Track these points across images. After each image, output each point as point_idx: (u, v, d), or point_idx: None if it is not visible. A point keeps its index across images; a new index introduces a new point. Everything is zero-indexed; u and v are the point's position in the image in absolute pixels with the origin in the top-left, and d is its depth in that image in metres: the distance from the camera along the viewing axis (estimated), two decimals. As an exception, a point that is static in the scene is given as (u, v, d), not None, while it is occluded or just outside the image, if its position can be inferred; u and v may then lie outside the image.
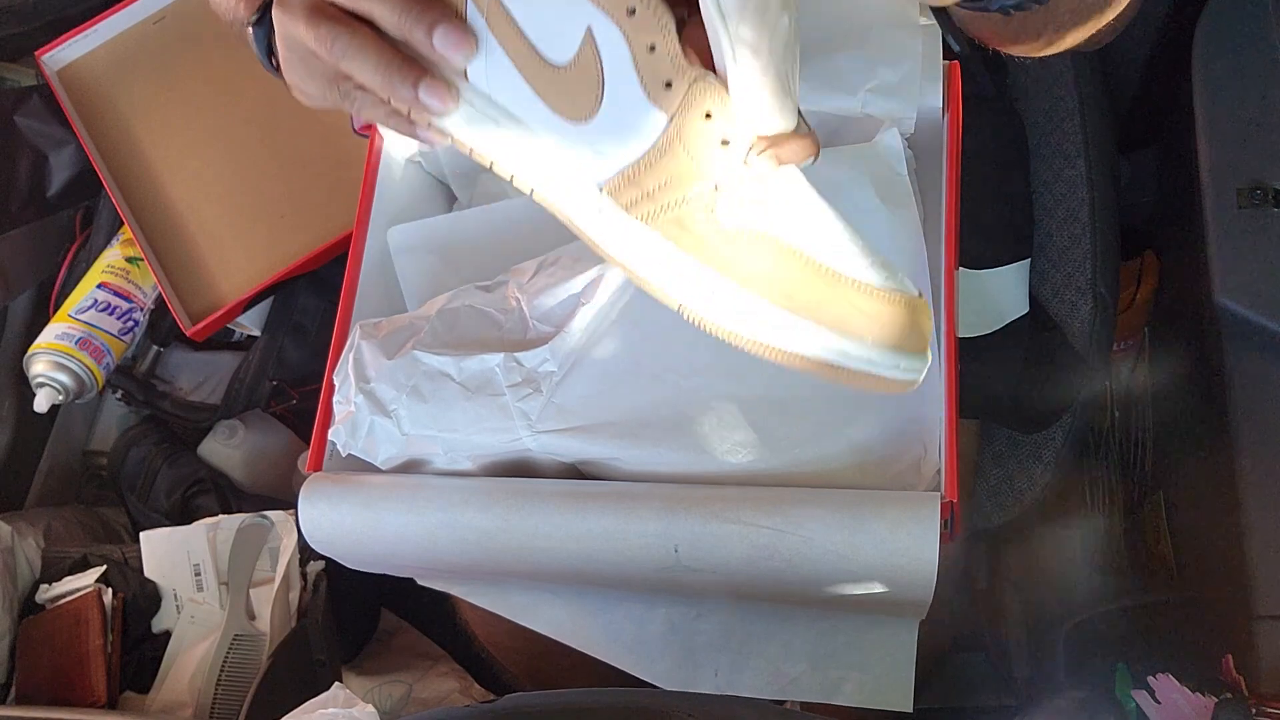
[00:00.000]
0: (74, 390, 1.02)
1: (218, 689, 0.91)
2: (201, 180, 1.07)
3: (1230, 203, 0.84)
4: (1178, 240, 0.97)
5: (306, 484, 0.76)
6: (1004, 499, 0.96)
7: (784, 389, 0.71)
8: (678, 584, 0.69)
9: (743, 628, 0.73)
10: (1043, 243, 0.94)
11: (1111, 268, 0.95)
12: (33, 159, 1.07)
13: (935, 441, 0.68)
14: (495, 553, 0.71)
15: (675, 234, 0.52)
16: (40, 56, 1.08)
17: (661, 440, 0.71)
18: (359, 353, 0.77)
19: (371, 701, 0.77)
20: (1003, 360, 0.89)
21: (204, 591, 0.95)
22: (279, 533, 0.96)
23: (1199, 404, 0.90)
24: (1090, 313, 0.92)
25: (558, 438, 0.72)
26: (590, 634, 0.75)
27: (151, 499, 1.09)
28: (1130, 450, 1.04)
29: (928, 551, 0.62)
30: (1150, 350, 1.06)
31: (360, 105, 0.56)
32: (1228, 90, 0.87)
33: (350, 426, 0.75)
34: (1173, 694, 0.77)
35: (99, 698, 0.90)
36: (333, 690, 0.70)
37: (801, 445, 0.69)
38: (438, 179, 0.92)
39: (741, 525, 0.65)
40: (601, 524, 0.68)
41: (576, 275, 0.73)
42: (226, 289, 1.04)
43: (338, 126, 1.06)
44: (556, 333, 0.72)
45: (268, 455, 1.13)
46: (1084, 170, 0.94)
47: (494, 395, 0.72)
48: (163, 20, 1.11)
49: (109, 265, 1.06)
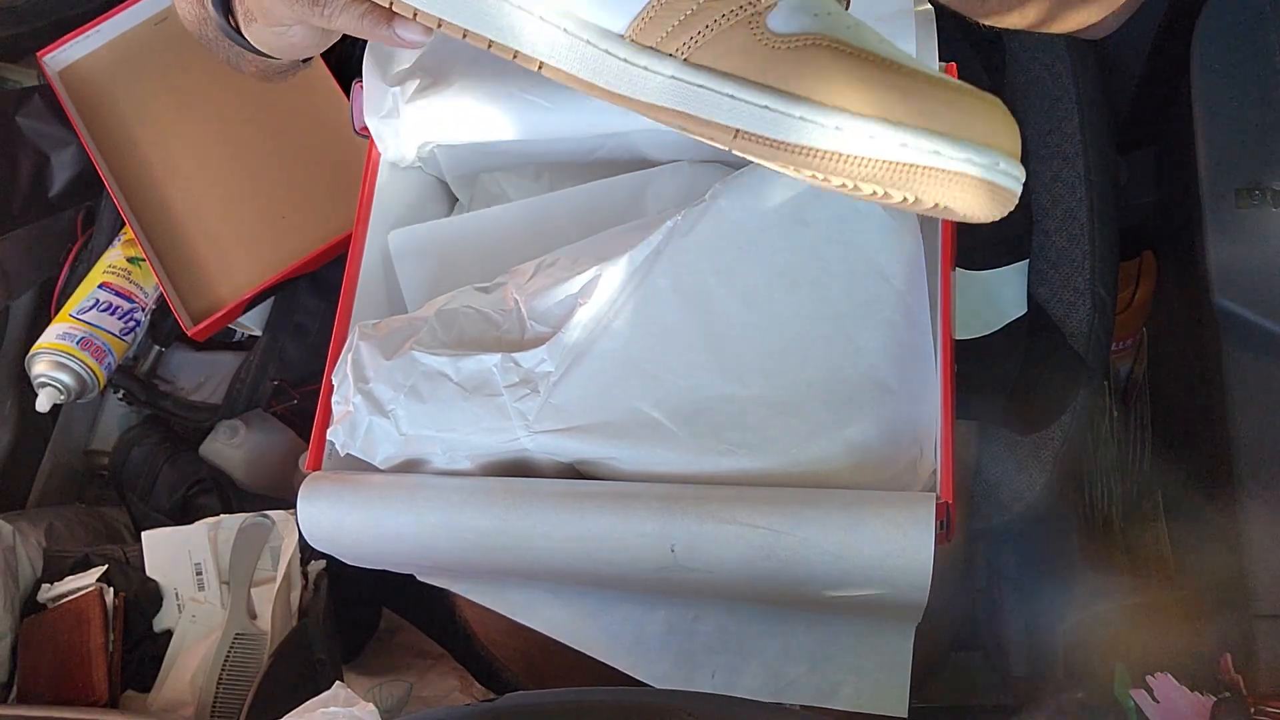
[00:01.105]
0: (75, 390, 1.02)
1: (219, 688, 0.91)
2: (203, 181, 1.07)
3: (1229, 203, 0.84)
4: (1176, 241, 0.97)
5: (305, 483, 0.76)
6: (1003, 499, 0.96)
7: (781, 389, 0.71)
8: (675, 584, 0.69)
9: (741, 630, 0.73)
10: (1041, 243, 0.94)
11: (1110, 268, 0.95)
12: (34, 159, 1.08)
13: (931, 442, 0.69)
14: (493, 551, 0.71)
15: (721, 60, 0.48)
16: (42, 57, 1.09)
17: (659, 440, 0.71)
18: (357, 353, 0.77)
19: (372, 700, 0.77)
20: (1001, 361, 0.90)
21: (205, 590, 0.95)
22: (280, 532, 0.96)
23: (1197, 404, 0.90)
24: (1089, 313, 0.92)
25: (555, 438, 0.72)
26: (589, 634, 0.75)
27: (153, 498, 1.09)
28: (1129, 450, 1.04)
29: (923, 552, 0.62)
30: (1149, 350, 1.06)
31: (334, 8, 0.54)
32: (1226, 91, 0.87)
33: (349, 426, 0.76)
34: (1171, 693, 0.77)
35: (100, 696, 0.90)
36: (334, 689, 0.70)
37: (798, 445, 0.70)
38: (438, 180, 0.93)
39: (738, 525, 0.65)
40: (599, 523, 0.68)
41: (574, 276, 0.73)
42: (227, 289, 1.04)
43: (338, 127, 1.06)
44: (554, 333, 0.72)
45: (269, 455, 1.14)
46: (1083, 171, 0.94)
47: (491, 395, 0.73)
48: (164, 21, 1.11)
49: (110, 265, 1.07)
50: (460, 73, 0.82)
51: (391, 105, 0.83)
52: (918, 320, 0.72)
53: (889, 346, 0.71)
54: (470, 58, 0.83)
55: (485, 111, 0.81)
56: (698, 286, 0.73)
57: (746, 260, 0.73)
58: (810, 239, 0.73)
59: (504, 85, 0.80)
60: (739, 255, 0.73)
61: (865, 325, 0.72)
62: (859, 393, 0.70)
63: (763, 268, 0.73)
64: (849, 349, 0.71)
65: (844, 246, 0.72)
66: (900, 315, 0.71)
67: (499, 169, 0.89)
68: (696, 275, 0.73)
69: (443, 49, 0.84)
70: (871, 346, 0.71)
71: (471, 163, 0.89)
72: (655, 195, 0.81)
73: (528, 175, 0.88)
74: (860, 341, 0.71)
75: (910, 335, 0.71)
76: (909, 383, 0.71)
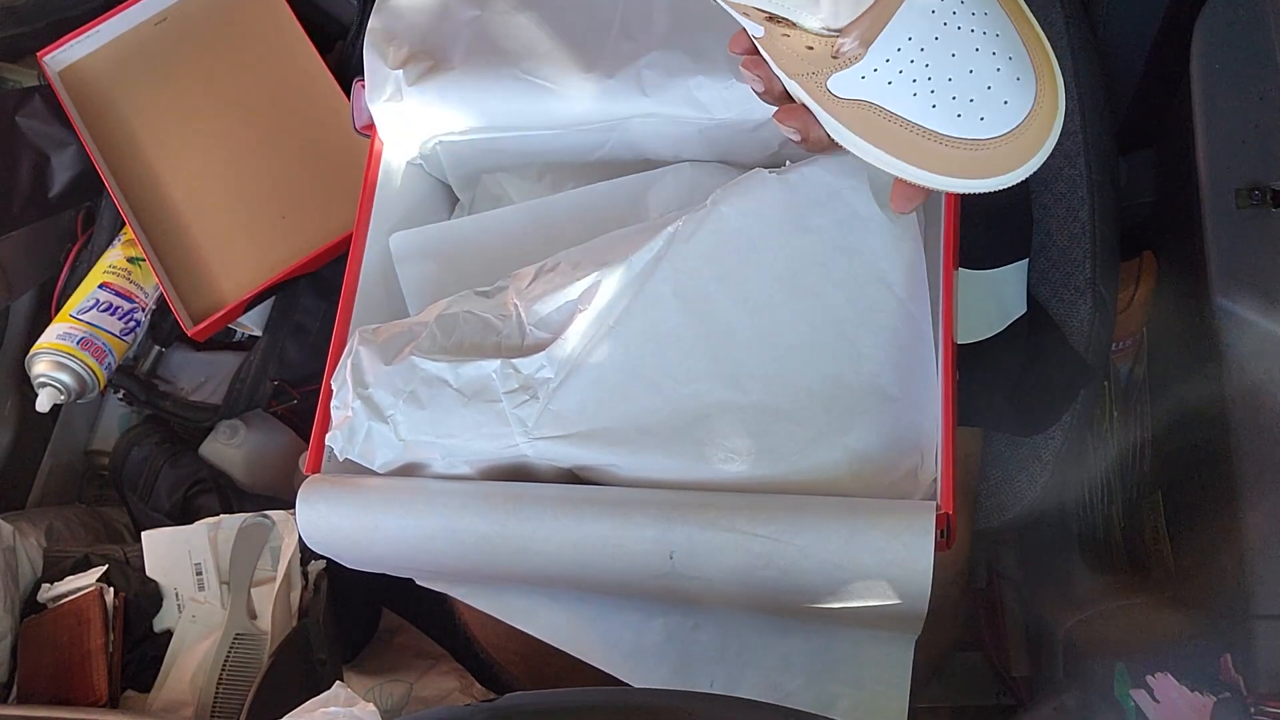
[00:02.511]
0: (76, 390, 1.02)
1: (219, 688, 0.91)
2: (203, 180, 1.07)
3: (1229, 203, 0.84)
4: (1176, 240, 0.97)
5: (305, 486, 0.76)
6: (1004, 499, 0.96)
7: (782, 396, 0.71)
8: (674, 592, 0.69)
9: (740, 639, 0.73)
10: (1042, 242, 0.94)
11: (1111, 267, 0.95)
12: (34, 159, 1.07)
13: (932, 450, 0.69)
14: (492, 557, 0.71)
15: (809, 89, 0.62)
16: (42, 57, 1.08)
17: (658, 447, 0.71)
18: (357, 358, 0.77)
19: (372, 700, 0.77)
20: (1001, 361, 0.89)
21: (205, 591, 0.95)
22: (280, 532, 0.96)
23: (1197, 404, 0.90)
24: (1090, 312, 0.92)
25: (554, 444, 0.72)
26: (587, 640, 0.75)
27: (153, 499, 1.09)
28: (1129, 450, 1.04)
29: (923, 562, 0.62)
30: (1148, 350, 1.06)
31: None
32: (1227, 91, 0.87)
33: (348, 432, 0.76)
34: (1171, 693, 0.78)
35: (100, 696, 0.90)
36: (334, 689, 0.70)
37: (798, 453, 0.70)
38: (439, 181, 0.92)
39: (737, 533, 0.65)
40: (598, 530, 0.68)
41: (575, 282, 0.73)
42: (228, 289, 1.04)
43: (338, 126, 1.06)
44: (554, 339, 0.72)
45: (269, 455, 1.14)
46: (1084, 170, 0.94)
47: (490, 401, 0.73)
48: (164, 22, 1.11)
49: (110, 265, 1.07)
50: (462, 56, 0.82)
51: (394, 89, 0.83)
52: (919, 327, 0.71)
53: (890, 353, 0.71)
54: (472, 41, 0.83)
55: (489, 93, 0.81)
56: (698, 293, 0.73)
57: (747, 267, 0.73)
58: (811, 245, 0.73)
59: (507, 67, 0.80)
60: (740, 262, 0.73)
61: (866, 332, 0.71)
62: (860, 400, 0.70)
63: (763, 274, 0.73)
64: (850, 356, 0.71)
65: (845, 253, 0.72)
66: (901, 322, 0.71)
67: (501, 169, 0.89)
68: (697, 281, 0.73)
69: (444, 32, 0.84)
70: (872, 353, 0.71)
71: (474, 162, 0.89)
72: (657, 197, 0.81)
73: (529, 176, 0.88)
74: (861, 348, 0.71)
75: (911, 342, 0.71)
76: (910, 390, 0.71)
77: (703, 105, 0.78)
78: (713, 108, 0.78)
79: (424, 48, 0.83)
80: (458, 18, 0.84)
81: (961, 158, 0.59)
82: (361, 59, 0.85)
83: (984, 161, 0.59)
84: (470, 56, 0.82)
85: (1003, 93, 0.57)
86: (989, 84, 0.57)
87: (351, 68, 1.08)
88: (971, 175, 0.59)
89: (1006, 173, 0.59)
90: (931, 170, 0.59)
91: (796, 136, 0.65)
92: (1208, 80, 0.88)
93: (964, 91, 0.57)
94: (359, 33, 1.07)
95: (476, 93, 0.82)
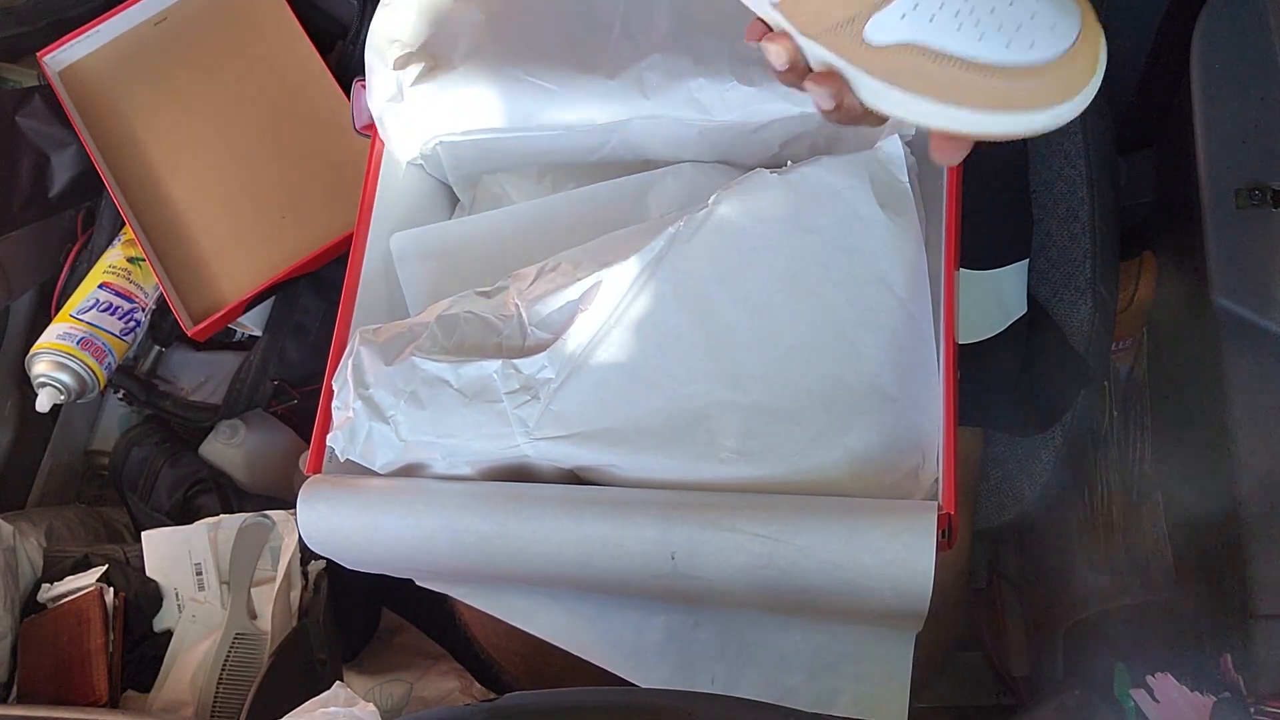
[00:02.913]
0: (75, 390, 1.02)
1: (219, 688, 0.91)
2: (202, 180, 1.07)
3: (1229, 203, 0.84)
4: (1176, 240, 0.97)
5: (305, 486, 0.76)
6: (1004, 499, 0.96)
7: (782, 397, 0.71)
8: (675, 591, 0.69)
9: (740, 637, 0.73)
10: (1042, 242, 0.94)
11: (1111, 267, 0.95)
12: (34, 159, 1.08)
13: (933, 450, 0.69)
14: (493, 557, 0.71)
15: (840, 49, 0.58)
16: (42, 57, 1.09)
17: (659, 447, 0.71)
18: (358, 358, 0.77)
19: (372, 700, 0.77)
20: (1002, 361, 0.89)
21: (205, 591, 0.95)
22: (280, 532, 0.96)
23: (1198, 404, 0.90)
24: (1090, 312, 0.92)
25: (555, 444, 0.72)
26: (588, 640, 0.75)
27: (153, 498, 1.09)
28: (1129, 450, 1.04)
29: (924, 562, 0.62)
30: (1148, 350, 1.06)
31: None
32: (1226, 91, 0.87)
33: (349, 432, 0.76)
34: (1171, 693, 0.78)
35: (100, 696, 0.90)
36: (334, 689, 0.70)
37: (799, 453, 0.70)
38: (439, 181, 0.92)
39: (738, 534, 0.65)
40: (598, 530, 0.68)
41: (575, 282, 0.73)
42: (228, 289, 1.04)
43: (338, 126, 1.06)
44: (555, 340, 0.72)
45: (269, 455, 1.14)
46: (1084, 170, 0.94)
47: (491, 402, 0.73)
48: (164, 22, 1.11)
49: (110, 265, 1.07)
50: (463, 57, 0.82)
51: (396, 90, 0.83)
52: (919, 327, 0.72)
53: (891, 354, 0.71)
54: (473, 42, 0.83)
55: (490, 94, 0.81)
56: (699, 293, 0.73)
57: (748, 267, 0.73)
58: (812, 246, 0.73)
59: (508, 68, 0.80)
60: (740, 262, 0.73)
61: (867, 332, 0.71)
62: (860, 400, 0.70)
63: (764, 275, 0.73)
64: (851, 356, 0.71)
65: (846, 253, 0.72)
66: (902, 322, 0.71)
67: (501, 169, 0.89)
68: (697, 282, 0.73)
69: (445, 33, 0.84)
70: (873, 354, 0.71)
71: (474, 162, 0.89)
72: (657, 198, 0.81)
73: (530, 177, 0.88)
74: (862, 349, 0.71)
75: (912, 342, 0.71)
76: (911, 390, 0.71)
77: (703, 107, 0.78)
78: (713, 109, 0.78)
79: (425, 48, 0.84)
80: (459, 19, 0.85)
81: (1016, 90, 0.56)
82: (361, 59, 0.86)
83: (1040, 91, 0.56)
84: (471, 57, 0.82)
85: (1048, 18, 0.55)
86: (1033, 11, 0.55)
87: (351, 68, 1.08)
88: (1027, 107, 0.56)
89: (1065, 101, 0.56)
90: (985, 108, 0.56)
91: (829, 104, 0.61)
92: (1208, 80, 0.88)
93: (1010, 19, 0.55)
94: (359, 33, 1.08)
95: (477, 93, 0.82)
